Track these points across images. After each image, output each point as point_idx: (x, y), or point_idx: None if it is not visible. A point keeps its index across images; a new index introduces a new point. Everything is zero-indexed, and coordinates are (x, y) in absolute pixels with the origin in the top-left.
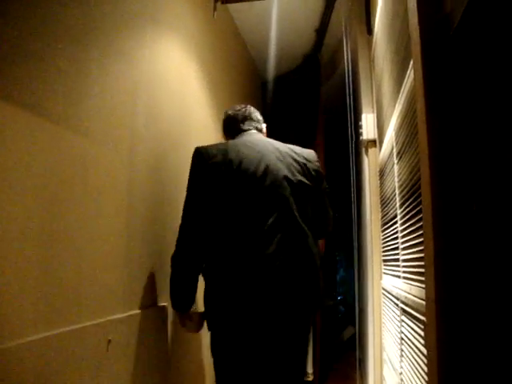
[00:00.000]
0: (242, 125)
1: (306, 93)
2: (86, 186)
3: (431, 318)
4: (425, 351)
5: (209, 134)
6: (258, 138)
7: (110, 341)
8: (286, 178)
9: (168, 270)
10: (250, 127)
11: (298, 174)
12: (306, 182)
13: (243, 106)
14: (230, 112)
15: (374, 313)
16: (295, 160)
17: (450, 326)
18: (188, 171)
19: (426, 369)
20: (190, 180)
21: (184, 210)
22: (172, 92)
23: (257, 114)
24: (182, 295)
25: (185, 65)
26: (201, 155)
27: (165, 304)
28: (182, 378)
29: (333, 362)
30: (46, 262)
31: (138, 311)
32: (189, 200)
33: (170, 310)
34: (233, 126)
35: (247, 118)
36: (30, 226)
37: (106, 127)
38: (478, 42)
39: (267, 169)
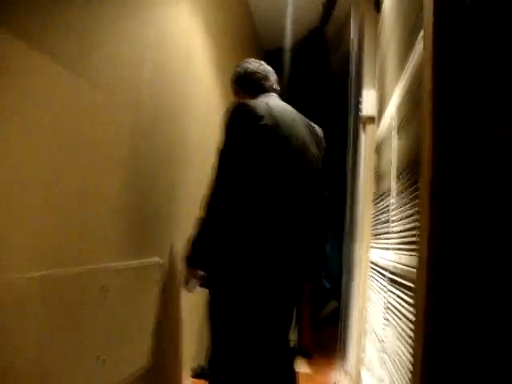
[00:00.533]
0: (266, 82)
1: (309, 66)
2: (94, 133)
3: (422, 280)
4: (410, 316)
5: (210, 93)
6: (285, 104)
7: (105, 287)
8: (315, 154)
9: (163, 225)
10: (275, 87)
11: (319, 152)
12: (321, 159)
13: (258, 61)
14: (250, 66)
15: (360, 286)
16: (316, 136)
17: (440, 289)
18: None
19: (410, 333)
20: (235, 136)
21: (224, 166)
22: (179, 52)
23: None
24: (204, 250)
25: (192, 28)
26: (251, 114)
27: (158, 259)
28: (164, 332)
29: (315, 334)
30: (51, 203)
31: (134, 261)
32: (231, 157)
33: (163, 269)
34: (256, 82)
35: (270, 76)
36: (39, 167)
37: (115, 79)
38: (492, 18)
39: (304, 144)
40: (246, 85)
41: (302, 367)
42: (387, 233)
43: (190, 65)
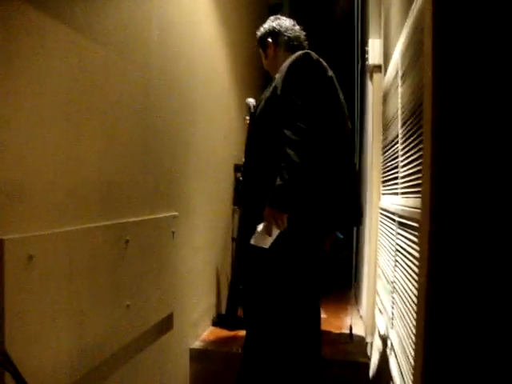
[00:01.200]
0: (303, 41)
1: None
2: (107, 92)
3: (425, 218)
4: (417, 255)
5: (215, 51)
6: None
7: (127, 240)
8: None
9: (178, 181)
10: (306, 46)
11: None
12: None
13: (289, 19)
14: (285, 23)
15: (372, 232)
16: None
17: (442, 228)
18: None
19: (417, 271)
20: (308, 86)
21: (301, 114)
22: (183, 11)
23: None
24: (296, 195)
25: None
26: (320, 65)
27: (175, 212)
28: (184, 282)
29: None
30: (76, 160)
31: (153, 216)
32: (306, 107)
33: (180, 222)
34: (294, 39)
35: (303, 34)
36: (58, 126)
37: (123, 38)
38: None
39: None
40: (283, 41)
41: None
42: (396, 178)
43: (195, 24)
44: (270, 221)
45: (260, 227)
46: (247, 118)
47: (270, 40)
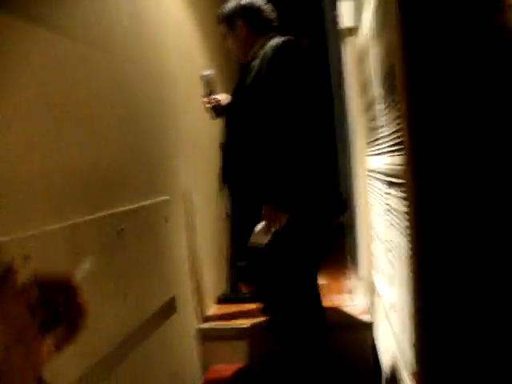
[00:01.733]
0: (274, 22)
1: None
2: (88, 85)
3: (409, 173)
4: (406, 210)
5: (186, 33)
6: None
7: (122, 229)
8: None
9: (170, 166)
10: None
11: None
12: None
13: None
14: (263, 2)
15: (361, 195)
16: None
17: (426, 180)
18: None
19: (408, 224)
20: (304, 77)
21: (304, 108)
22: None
23: None
24: (296, 194)
25: None
26: (305, 53)
27: (167, 197)
28: (183, 265)
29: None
30: (57, 156)
31: (147, 202)
32: (310, 98)
33: (172, 206)
34: (266, 20)
35: (274, 14)
36: (44, 122)
37: (97, 31)
38: None
39: None
40: (254, 22)
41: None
42: (379, 138)
43: (164, 9)
44: (271, 220)
45: (258, 227)
46: (205, 99)
47: (241, 20)
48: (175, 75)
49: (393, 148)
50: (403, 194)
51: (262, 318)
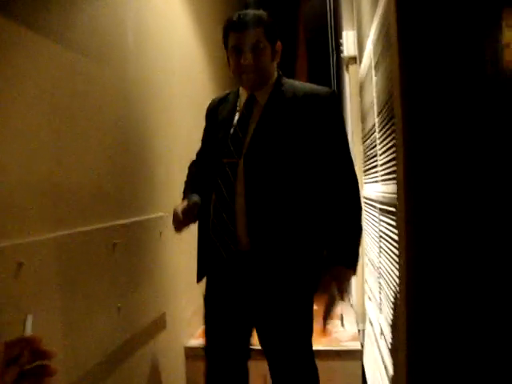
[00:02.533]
0: None
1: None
2: (88, 99)
3: (401, 200)
4: (397, 238)
5: (191, 50)
6: None
7: (115, 244)
8: None
9: (163, 183)
10: None
11: None
12: None
13: None
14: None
15: None
16: None
17: (416, 207)
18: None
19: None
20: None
21: (350, 158)
22: (158, 13)
23: None
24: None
25: None
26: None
27: (163, 214)
28: (173, 281)
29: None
30: (55, 168)
31: (139, 218)
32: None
33: (168, 222)
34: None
35: None
36: (41, 135)
37: (100, 45)
38: None
39: None
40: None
41: None
42: (376, 166)
43: (170, 24)
44: (345, 283)
45: (330, 301)
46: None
47: (276, 40)
48: (177, 94)
49: (387, 176)
50: (394, 222)
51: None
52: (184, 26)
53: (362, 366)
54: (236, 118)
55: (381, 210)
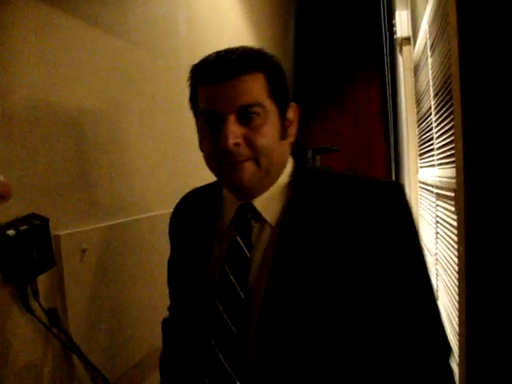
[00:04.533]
0: None
1: None
2: (142, 88)
3: (460, 186)
4: (455, 224)
5: (241, 42)
6: None
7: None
8: None
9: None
10: None
11: None
12: None
13: None
14: None
15: (413, 206)
16: None
17: (477, 191)
18: None
19: (456, 239)
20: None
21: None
22: (209, 3)
23: None
24: None
25: None
26: None
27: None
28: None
29: None
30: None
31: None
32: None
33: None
34: None
35: None
36: (98, 126)
37: (153, 35)
38: None
39: None
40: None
41: None
42: (432, 150)
43: (221, 16)
44: None
45: None
46: None
47: (295, 104)
48: None
49: (444, 160)
50: (452, 208)
51: None
52: (235, 18)
53: None
54: (219, 249)
55: (437, 194)
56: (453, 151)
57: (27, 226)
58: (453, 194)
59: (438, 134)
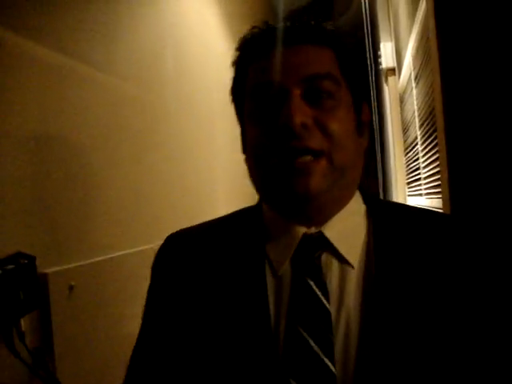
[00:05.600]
0: None
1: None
2: (129, 122)
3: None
4: None
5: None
6: None
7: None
8: None
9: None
10: None
11: None
12: None
13: None
14: None
15: None
16: None
17: None
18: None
19: None
20: None
21: None
22: (194, 34)
23: None
24: None
25: (205, 7)
26: None
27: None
28: None
29: None
30: (88, 192)
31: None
32: None
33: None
34: None
35: None
36: (92, 161)
37: (140, 69)
38: None
39: None
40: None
41: None
42: (419, 179)
43: (207, 43)
44: None
45: None
46: None
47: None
48: (216, 114)
49: (431, 190)
50: None
51: None
52: (221, 47)
53: None
54: (276, 302)
55: None
56: (439, 182)
57: (14, 266)
58: None
59: (425, 163)
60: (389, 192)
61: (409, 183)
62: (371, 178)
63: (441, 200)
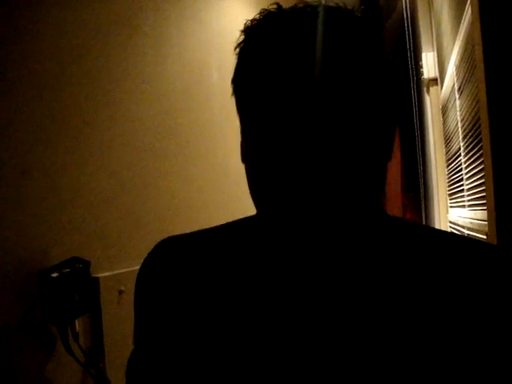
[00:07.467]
0: None
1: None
2: (178, 134)
3: (492, 230)
4: None
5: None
6: None
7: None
8: None
9: None
10: None
11: None
12: None
13: None
14: None
15: None
16: None
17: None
18: None
19: None
20: None
21: None
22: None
23: None
24: None
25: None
26: None
27: None
28: None
29: None
30: (138, 203)
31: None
32: None
33: None
34: None
35: None
36: (126, 172)
37: (187, 83)
38: None
39: None
40: None
41: None
42: (462, 191)
43: None
44: None
45: None
46: None
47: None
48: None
49: (475, 202)
50: None
51: None
52: None
53: None
54: (270, 312)
55: (469, 236)
56: (483, 193)
57: (70, 269)
58: (485, 237)
59: (468, 175)
60: (430, 203)
61: (450, 195)
62: (412, 190)
63: (485, 212)
